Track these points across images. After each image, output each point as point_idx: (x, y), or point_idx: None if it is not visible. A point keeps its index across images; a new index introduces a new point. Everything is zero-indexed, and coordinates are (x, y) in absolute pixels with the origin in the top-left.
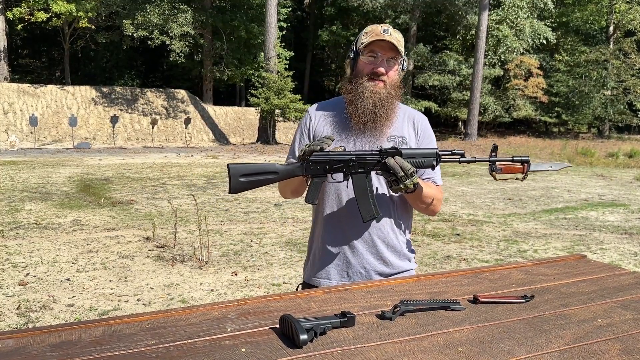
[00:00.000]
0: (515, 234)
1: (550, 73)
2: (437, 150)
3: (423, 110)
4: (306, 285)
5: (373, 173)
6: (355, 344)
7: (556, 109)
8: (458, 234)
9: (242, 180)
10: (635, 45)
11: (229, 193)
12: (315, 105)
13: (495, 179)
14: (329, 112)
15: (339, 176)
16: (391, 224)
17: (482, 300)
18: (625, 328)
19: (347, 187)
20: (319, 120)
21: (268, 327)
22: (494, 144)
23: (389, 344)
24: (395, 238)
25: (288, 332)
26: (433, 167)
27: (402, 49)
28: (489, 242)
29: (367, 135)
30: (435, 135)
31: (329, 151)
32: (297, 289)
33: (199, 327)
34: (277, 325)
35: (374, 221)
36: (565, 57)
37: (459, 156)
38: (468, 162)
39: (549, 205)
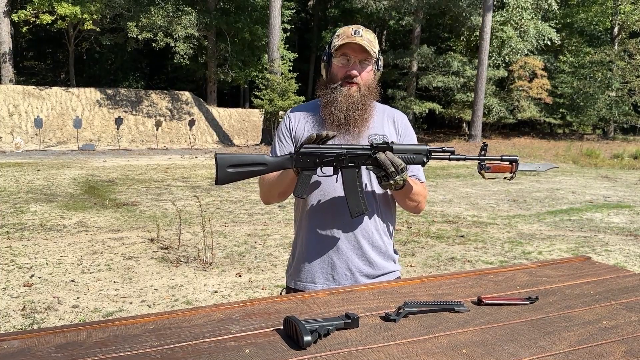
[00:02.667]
0: (520, 235)
1: (555, 74)
2: (428, 147)
3: (427, 111)
4: (290, 289)
5: (364, 171)
6: (359, 345)
7: (561, 110)
8: (462, 236)
9: (230, 171)
10: None
11: (216, 184)
12: (293, 108)
13: (484, 177)
14: (307, 114)
15: (329, 171)
16: (375, 224)
17: (486, 302)
18: (630, 330)
19: (332, 187)
20: (298, 122)
21: (272, 329)
22: (483, 143)
23: (393, 346)
24: (379, 238)
25: (292, 334)
26: (423, 164)
27: (374, 49)
28: (493, 243)
29: (343, 137)
30: (440, 137)
31: (318, 145)
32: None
33: (203, 329)
34: (281, 327)
35: (359, 221)
36: (570, 58)
37: (449, 154)
38: (458, 159)
39: (554, 206)
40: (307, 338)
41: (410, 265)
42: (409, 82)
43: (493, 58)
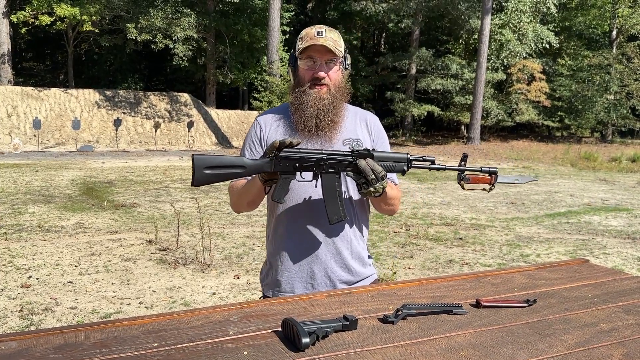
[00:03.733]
0: (518, 238)
1: (553, 77)
2: (409, 156)
3: (425, 114)
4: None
5: (342, 178)
6: (357, 347)
7: (559, 113)
8: (460, 238)
9: (207, 172)
10: (638, 50)
11: (192, 185)
12: (262, 114)
13: (463, 188)
14: (277, 118)
15: (308, 176)
16: (353, 229)
17: (485, 304)
18: (628, 332)
19: (310, 193)
20: (269, 128)
21: (270, 331)
22: (463, 153)
23: (391, 348)
24: (357, 244)
25: (290, 336)
26: (404, 172)
27: (339, 48)
28: (491, 246)
29: (315, 141)
30: (438, 139)
31: (299, 149)
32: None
33: (201, 330)
34: (280, 329)
35: (337, 228)
36: (568, 62)
37: (430, 163)
38: (438, 169)
39: (552, 209)
40: (306, 340)
41: (409, 268)
42: (407, 84)
43: (492, 61)
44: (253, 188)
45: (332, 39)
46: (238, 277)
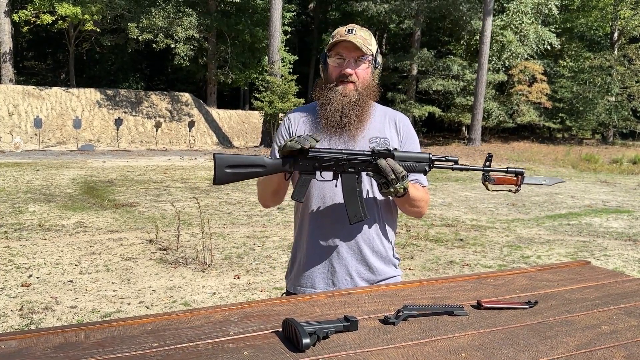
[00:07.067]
0: (519, 239)
1: (555, 79)
2: (431, 156)
3: (426, 115)
4: (290, 294)
5: (365, 177)
6: (358, 348)
7: (560, 114)
8: (461, 239)
9: (228, 171)
10: (639, 52)
11: (214, 184)
12: (292, 110)
13: (487, 189)
14: (305, 115)
15: (328, 175)
16: (376, 229)
17: (486, 305)
18: (629, 335)
19: (332, 192)
20: (298, 123)
21: (271, 331)
22: (488, 153)
23: (391, 349)
24: (380, 243)
25: (291, 336)
26: (425, 173)
27: (369, 47)
28: (492, 247)
29: (339, 138)
30: (439, 140)
31: (319, 148)
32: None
33: (201, 330)
34: (280, 329)
35: (359, 226)
36: (570, 63)
37: (453, 163)
38: (461, 169)
39: (553, 211)
40: (306, 340)
41: (409, 269)
42: (408, 85)
43: (493, 62)
44: (274, 176)
45: (362, 37)
46: (238, 277)
